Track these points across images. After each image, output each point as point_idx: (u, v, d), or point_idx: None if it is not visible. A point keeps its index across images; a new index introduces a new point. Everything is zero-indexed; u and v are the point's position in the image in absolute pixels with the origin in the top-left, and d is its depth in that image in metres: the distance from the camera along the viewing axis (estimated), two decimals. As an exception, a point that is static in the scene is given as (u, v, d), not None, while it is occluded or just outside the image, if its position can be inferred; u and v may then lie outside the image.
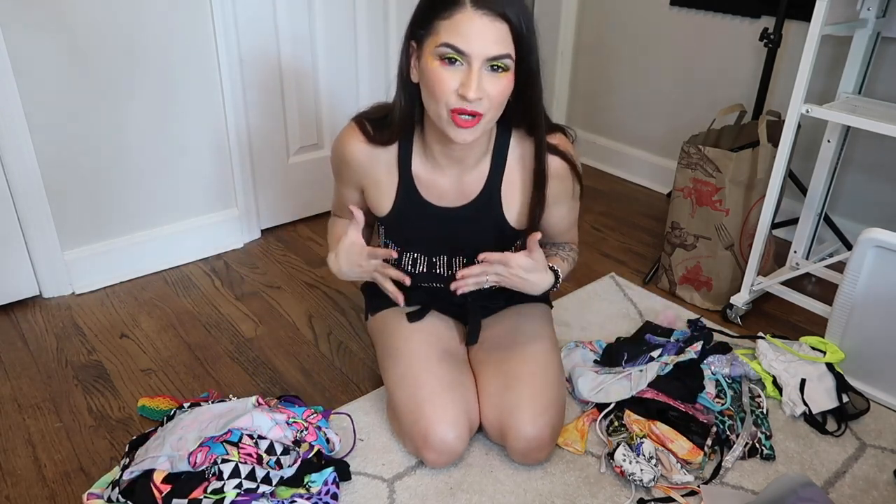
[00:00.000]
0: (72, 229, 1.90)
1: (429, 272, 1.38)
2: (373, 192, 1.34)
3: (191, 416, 1.30)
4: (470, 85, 1.07)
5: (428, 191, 1.31)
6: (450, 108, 1.11)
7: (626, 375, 1.51)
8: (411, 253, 1.38)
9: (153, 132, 1.93)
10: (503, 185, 1.30)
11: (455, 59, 1.08)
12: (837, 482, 1.36)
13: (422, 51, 1.13)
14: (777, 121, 1.89)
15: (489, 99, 1.11)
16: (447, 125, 1.13)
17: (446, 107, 1.11)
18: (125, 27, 1.79)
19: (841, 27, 1.69)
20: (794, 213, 2.12)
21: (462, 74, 1.09)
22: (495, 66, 1.09)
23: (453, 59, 1.08)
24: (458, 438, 1.29)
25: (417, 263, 1.38)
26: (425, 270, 1.38)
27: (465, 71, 1.09)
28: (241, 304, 1.92)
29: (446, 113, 1.12)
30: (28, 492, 1.31)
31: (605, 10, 2.70)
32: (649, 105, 2.66)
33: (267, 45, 2.07)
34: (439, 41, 1.08)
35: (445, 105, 1.11)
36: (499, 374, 1.36)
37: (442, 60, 1.09)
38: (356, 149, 1.30)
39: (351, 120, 1.32)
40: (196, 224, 2.12)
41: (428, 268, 1.38)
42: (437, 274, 1.39)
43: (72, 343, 1.74)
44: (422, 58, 1.13)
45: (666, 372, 1.49)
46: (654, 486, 1.31)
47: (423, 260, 1.38)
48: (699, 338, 1.64)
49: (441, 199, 1.31)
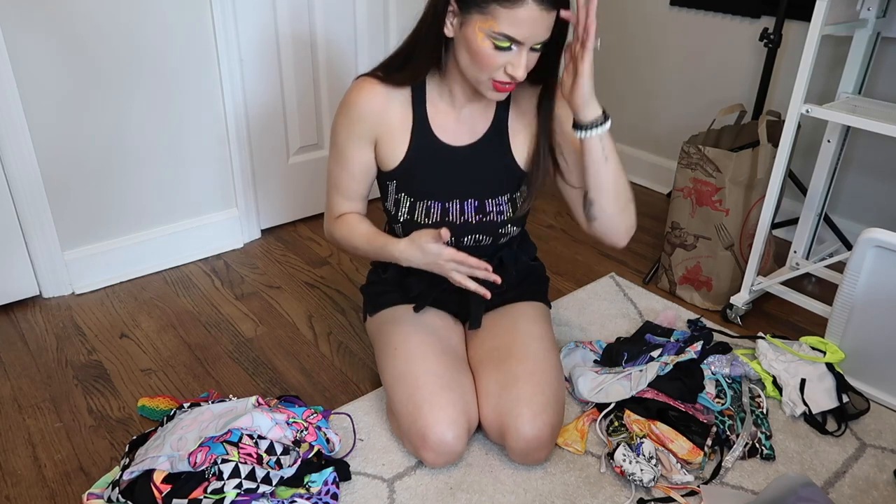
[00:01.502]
0: (72, 229, 1.90)
1: (441, 221, 1.38)
2: (386, 140, 1.35)
3: (191, 416, 1.30)
4: (520, 67, 1.16)
5: (441, 130, 1.35)
6: (493, 79, 1.19)
7: (626, 375, 1.51)
8: (424, 202, 1.37)
9: (153, 132, 1.94)
10: (510, 121, 1.36)
11: (508, 47, 1.14)
12: (837, 482, 1.36)
13: (467, 20, 1.16)
14: (777, 121, 1.89)
15: (526, 70, 1.18)
16: (485, 88, 1.22)
17: (490, 78, 1.19)
18: (125, 28, 1.79)
19: (841, 27, 1.69)
20: (794, 213, 2.12)
21: (511, 56, 1.16)
22: (536, 47, 1.17)
23: (507, 47, 1.14)
24: (457, 438, 1.29)
25: (431, 212, 1.37)
26: (439, 219, 1.37)
27: (514, 53, 1.16)
28: (241, 304, 1.92)
29: (487, 80, 1.20)
30: (28, 492, 1.31)
31: (605, 10, 2.70)
32: (649, 105, 2.66)
33: (267, 45, 2.07)
34: (497, 28, 1.12)
35: (489, 76, 1.19)
36: (498, 373, 1.36)
37: (494, 43, 1.14)
38: (372, 93, 1.32)
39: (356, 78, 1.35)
40: (196, 224, 2.12)
41: (441, 215, 1.37)
42: (449, 223, 1.38)
43: (72, 343, 1.74)
44: (466, 26, 1.17)
45: (666, 372, 1.49)
46: (654, 486, 1.31)
47: (436, 208, 1.37)
48: (699, 338, 1.64)
49: (453, 137, 1.35)
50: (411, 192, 1.38)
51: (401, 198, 1.39)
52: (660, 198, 2.65)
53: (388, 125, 1.34)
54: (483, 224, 1.39)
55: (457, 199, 1.37)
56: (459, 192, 1.37)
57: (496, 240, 1.42)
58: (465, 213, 1.38)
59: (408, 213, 1.38)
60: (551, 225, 2.40)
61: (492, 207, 1.38)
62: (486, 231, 1.40)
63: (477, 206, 1.38)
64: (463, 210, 1.38)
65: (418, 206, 1.38)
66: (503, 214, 1.39)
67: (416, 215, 1.38)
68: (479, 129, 1.36)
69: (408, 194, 1.38)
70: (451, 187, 1.37)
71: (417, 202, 1.38)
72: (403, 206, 1.38)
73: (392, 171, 1.38)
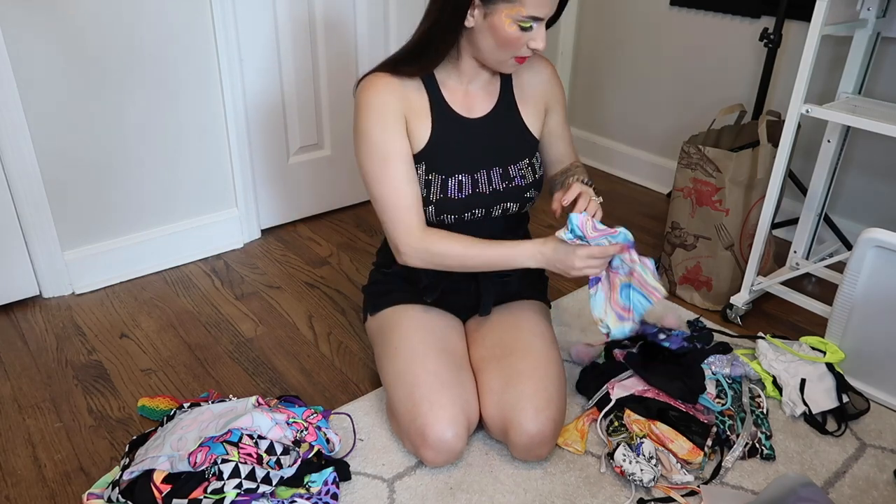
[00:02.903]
0: (72, 229, 1.90)
1: (473, 193, 1.40)
2: (413, 120, 1.37)
3: (191, 416, 1.30)
4: (541, 40, 1.27)
5: (457, 106, 1.40)
6: (516, 57, 1.29)
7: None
8: (455, 177, 1.39)
9: (153, 132, 1.94)
10: (515, 91, 1.45)
11: (530, 27, 1.25)
12: (837, 482, 1.36)
13: (493, 9, 1.23)
14: (777, 121, 1.89)
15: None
16: (508, 66, 1.32)
17: (514, 56, 1.29)
18: (125, 28, 1.79)
19: (841, 27, 1.69)
20: (794, 213, 2.12)
21: (533, 32, 1.26)
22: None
23: (530, 26, 1.24)
24: (457, 437, 1.29)
25: (463, 186, 1.39)
26: (471, 192, 1.39)
27: (535, 30, 1.26)
28: (241, 304, 1.92)
29: (511, 59, 1.30)
30: (28, 492, 1.31)
31: (605, 10, 2.70)
32: (649, 105, 2.66)
33: (267, 45, 2.07)
34: (525, 13, 1.22)
35: (513, 55, 1.29)
36: (500, 370, 1.36)
37: (520, 26, 1.24)
38: (386, 81, 1.34)
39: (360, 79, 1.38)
40: (196, 224, 2.12)
41: (472, 187, 1.40)
42: (480, 193, 1.40)
43: (72, 343, 1.74)
44: (492, 16, 1.24)
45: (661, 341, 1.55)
46: (654, 486, 1.31)
47: (467, 181, 1.39)
48: (699, 337, 1.64)
49: (469, 111, 1.41)
50: (441, 169, 1.38)
51: (431, 178, 1.38)
52: (660, 198, 2.65)
53: (410, 107, 1.36)
54: (510, 190, 1.42)
55: (483, 169, 1.41)
56: (485, 162, 1.41)
57: (521, 206, 1.46)
58: (493, 182, 1.41)
59: (440, 192, 1.38)
60: (551, 225, 2.40)
61: (515, 172, 1.43)
62: (513, 197, 1.43)
63: (502, 174, 1.42)
64: (490, 179, 1.41)
65: (450, 183, 1.38)
66: (525, 178, 1.44)
67: (449, 191, 1.39)
68: (490, 101, 1.43)
69: (438, 172, 1.38)
70: (476, 158, 1.41)
71: (449, 178, 1.38)
72: (435, 186, 1.38)
73: (420, 153, 1.38)
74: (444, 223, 1.40)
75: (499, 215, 1.44)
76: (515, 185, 1.42)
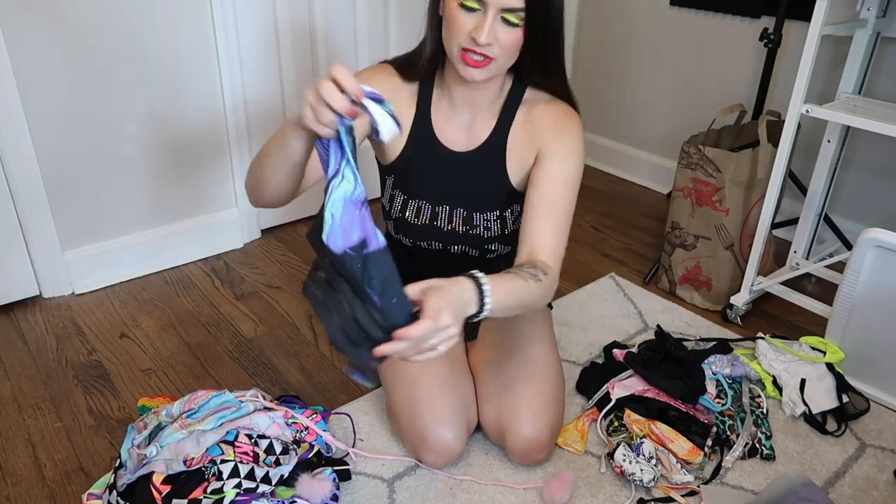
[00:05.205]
0: (72, 229, 1.90)
1: (430, 224, 1.36)
2: None
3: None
4: (482, 30, 1.16)
5: (440, 131, 1.34)
6: (461, 47, 1.19)
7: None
8: (416, 202, 1.36)
9: (153, 132, 1.93)
10: (509, 137, 1.33)
11: (473, 8, 1.16)
12: (837, 482, 1.36)
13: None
14: (777, 121, 1.89)
15: (499, 46, 1.18)
16: (458, 62, 1.22)
17: (458, 46, 1.20)
18: (125, 28, 1.79)
19: (841, 27, 1.69)
20: (794, 213, 2.12)
21: (477, 20, 1.17)
22: (506, 18, 1.17)
23: (472, 7, 1.16)
24: (457, 438, 1.29)
25: (421, 213, 1.36)
26: (427, 221, 1.36)
27: (480, 17, 1.17)
28: (241, 304, 1.92)
29: (457, 51, 1.20)
30: (28, 492, 1.31)
31: (605, 10, 2.70)
32: (649, 105, 2.66)
33: (267, 45, 2.07)
34: None
35: (458, 44, 1.20)
36: (497, 374, 1.36)
37: (464, 5, 1.17)
38: (387, 74, 1.33)
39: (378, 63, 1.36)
40: (196, 224, 2.12)
41: (430, 218, 1.36)
42: (437, 227, 1.36)
43: (72, 343, 1.74)
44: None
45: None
46: (654, 486, 1.31)
47: (426, 210, 1.36)
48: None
49: (452, 141, 1.34)
50: (405, 189, 1.37)
51: (395, 194, 1.38)
52: (660, 198, 2.65)
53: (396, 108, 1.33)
54: (469, 236, 1.36)
55: (447, 205, 1.36)
56: (450, 199, 1.35)
57: (482, 255, 1.39)
58: (454, 222, 1.36)
59: (400, 211, 1.37)
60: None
61: (479, 221, 1.35)
62: (472, 244, 1.37)
63: (465, 217, 1.35)
64: (451, 217, 1.36)
65: (410, 205, 1.37)
66: (490, 231, 1.35)
67: (407, 214, 1.37)
68: (478, 138, 1.33)
69: (402, 191, 1.37)
70: (442, 191, 1.35)
71: (409, 200, 1.37)
72: (397, 203, 1.38)
73: (390, 165, 1.37)
74: (400, 243, 1.40)
75: (458, 254, 1.39)
76: (476, 234, 1.35)
